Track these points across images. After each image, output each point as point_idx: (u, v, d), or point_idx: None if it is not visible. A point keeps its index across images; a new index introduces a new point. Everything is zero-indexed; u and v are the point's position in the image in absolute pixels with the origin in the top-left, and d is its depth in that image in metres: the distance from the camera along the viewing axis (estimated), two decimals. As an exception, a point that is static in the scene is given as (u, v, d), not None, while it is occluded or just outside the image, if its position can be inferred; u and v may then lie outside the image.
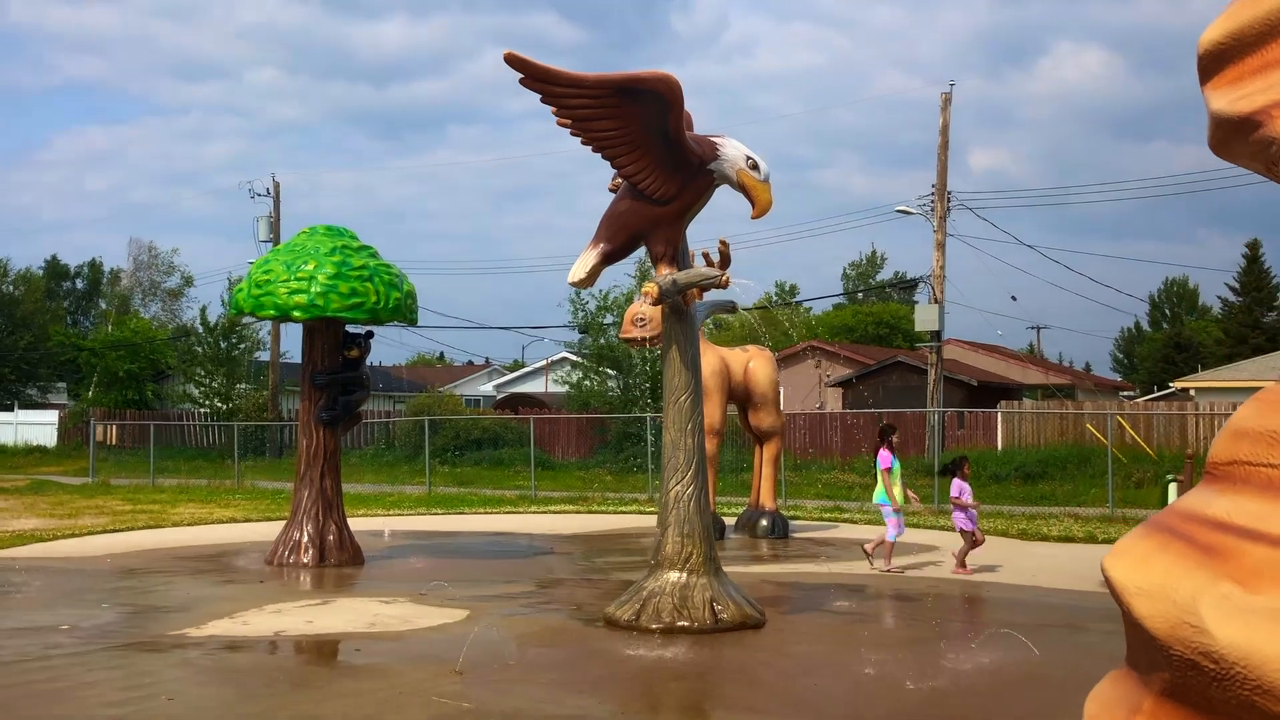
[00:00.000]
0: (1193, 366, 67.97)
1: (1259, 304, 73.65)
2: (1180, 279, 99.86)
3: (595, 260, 10.03)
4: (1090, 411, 36.23)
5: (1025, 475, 29.15)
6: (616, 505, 24.52)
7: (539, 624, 10.36)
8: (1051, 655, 9.04)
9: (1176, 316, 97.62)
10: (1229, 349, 70.87)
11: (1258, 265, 74.19)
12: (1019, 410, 35.30)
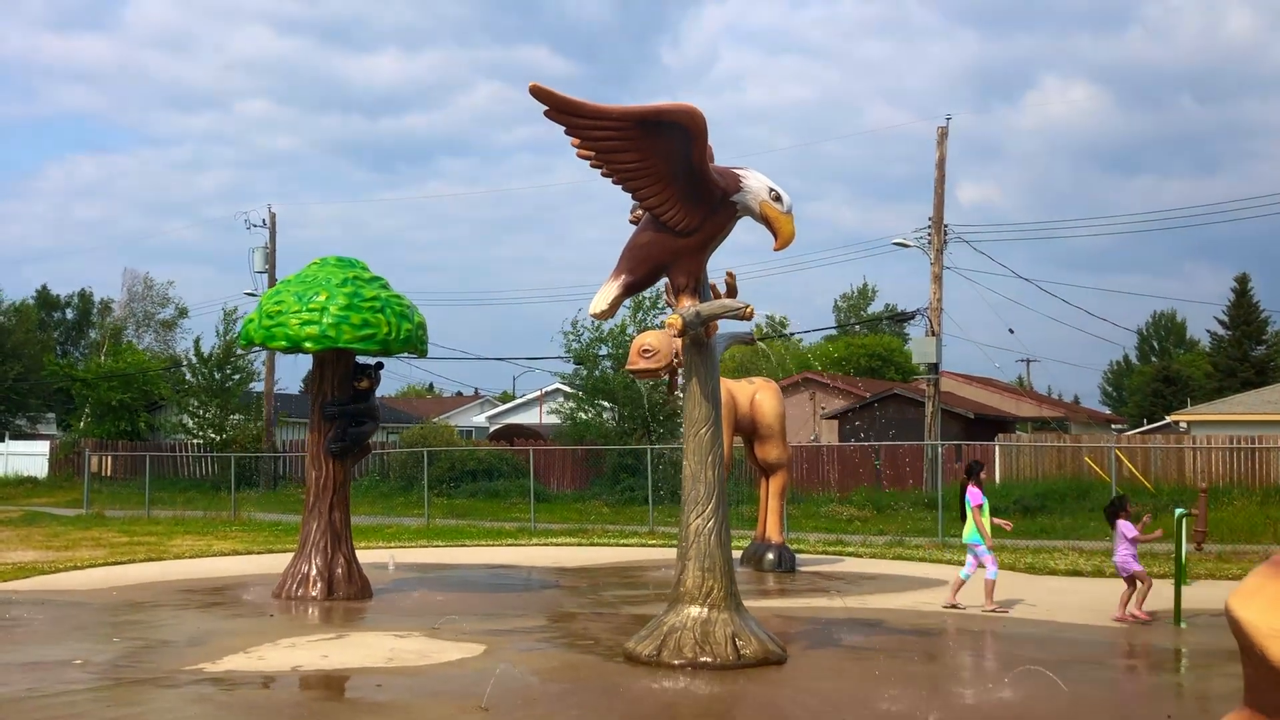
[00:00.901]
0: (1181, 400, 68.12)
1: (1248, 337, 73.90)
2: (1168, 312, 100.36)
3: (617, 291, 9.99)
4: (1088, 445, 36.26)
5: (1024, 508, 29.09)
6: (617, 538, 24.39)
7: (558, 659, 10.25)
8: (1079, 691, 8.97)
9: (1165, 350, 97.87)
10: (1218, 382, 71.05)
11: (1247, 299, 74.50)
12: (1016, 443, 35.29)
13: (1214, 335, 76.26)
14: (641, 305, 38.11)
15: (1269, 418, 35.43)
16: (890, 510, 30.76)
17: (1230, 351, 73.54)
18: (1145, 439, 37.55)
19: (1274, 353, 74.87)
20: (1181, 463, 31.91)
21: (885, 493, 33.35)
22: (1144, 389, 78.43)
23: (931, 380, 34.51)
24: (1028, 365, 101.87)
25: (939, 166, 34.79)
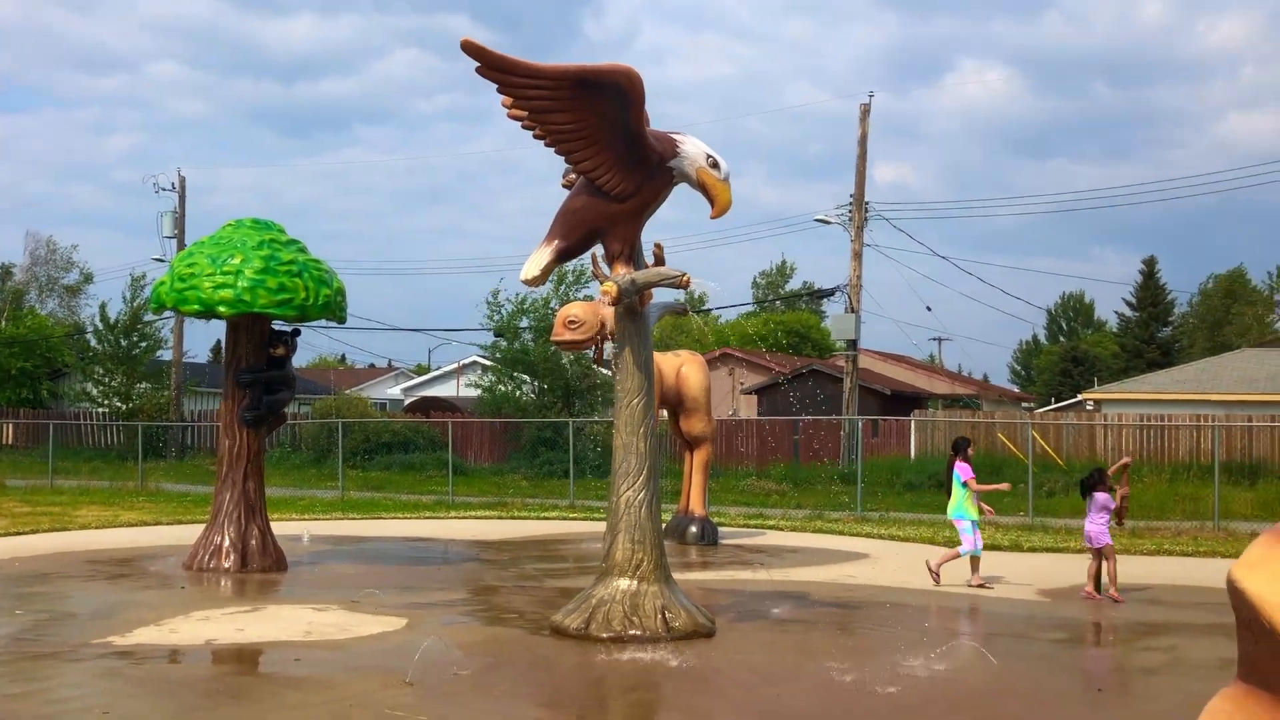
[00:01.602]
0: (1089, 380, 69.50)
1: (1155, 319, 75.63)
2: (1077, 294, 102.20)
3: (550, 257, 9.74)
4: (1003, 420, 36.77)
5: (939, 484, 29.35)
6: (537, 511, 24.16)
7: (483, 633, 10.03)
8: (1008, 665, 8.97)
9: (1073, 330, 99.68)
10: (1125, 363, 72.67)
11: (1154, 281, 76.18)
12: (932, 419, 35.67)
13: (1121, 316, 77.98)
14: (564, 279, 37.80)
15: (1177, 396, 36.21)
16: (808, 485, 30.90)
17: (1137, 332, 75.22)
18: (1058, 416, 38.14)
19: (1179, 334, 76.79)
20: (1093, 440, 32.50)
21: (804, 467, 33.50)
22: (1052, 368, 79.92)
23: (850, 356, 34.70)
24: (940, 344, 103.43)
25: (861, 143, 34.89)
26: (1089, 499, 12.95)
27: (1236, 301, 77.37)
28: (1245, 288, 79.06)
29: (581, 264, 37.13)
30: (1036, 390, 79.50)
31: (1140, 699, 8.05)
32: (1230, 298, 77.69)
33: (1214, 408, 34.01)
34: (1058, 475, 28.85)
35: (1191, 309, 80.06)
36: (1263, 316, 77.56)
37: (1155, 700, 7.95)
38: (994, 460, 31.53)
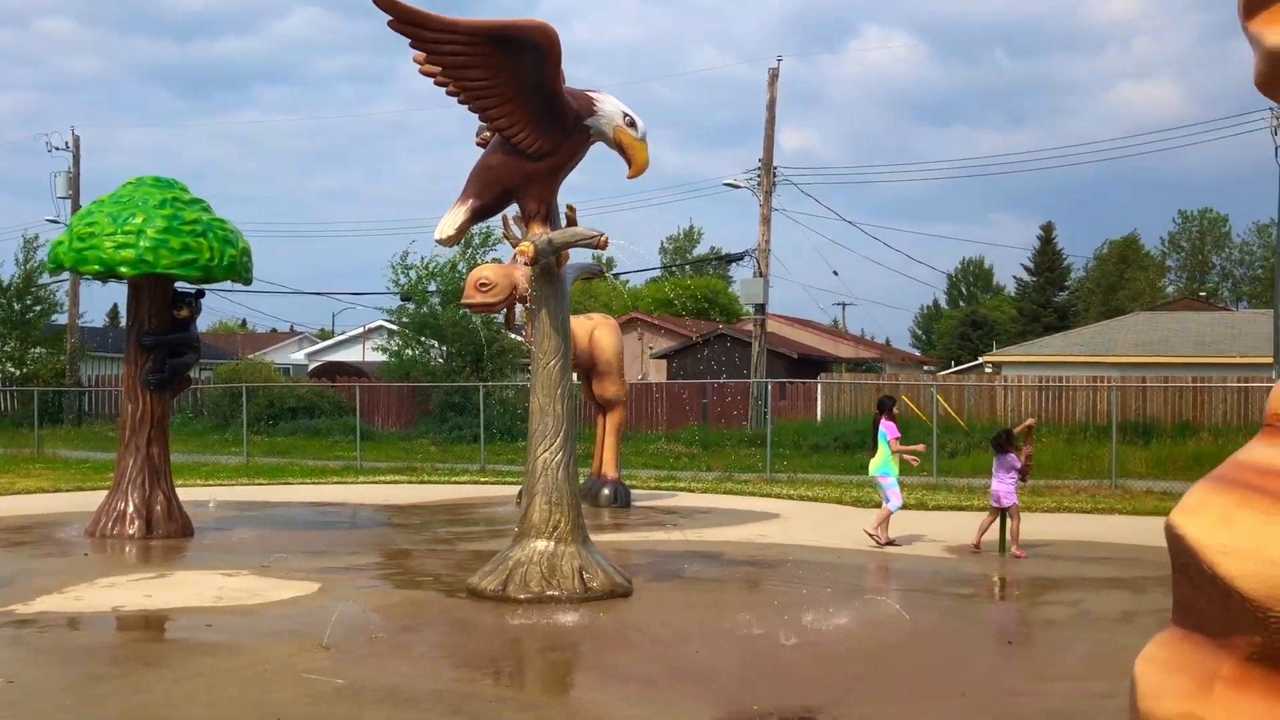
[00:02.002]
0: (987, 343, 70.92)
1: (1052, 284, 77.34)
2: (977, 259, 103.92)
3: (464, 216, 9.61)
4: (906, 383, 37.36)
5: (845, 445, 29.79)
6: (448, 475, 24.01)
7: (398, 596, 9.94)
8: (920, 619, 9.13)
9: (973, 295, 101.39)
10: (1023, 326, 74.25)
11: (1051, 246, 77.82)
12: (838, 381, 36.12)
13: (1020, 281, 79.55)
14: (471, 242, 37.43)
15: (1074, 359, 37.12)
16: (718, 447, 31.13)
17: (1035, 297, 76.86)
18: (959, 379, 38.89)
19: (1075, 298, 78.64)
20: (993, 402, 33.18)
21: (713, 430, 33.73)
22: (952, 332, 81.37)
23: (759, 321, 34.92)
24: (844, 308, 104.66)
25: (769, 108, 34.99)
26: (997, 459, 13.20)
27: (1130, 267, 79.44)
28: (1138, 253, 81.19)
29: (490, 225, 36.80)
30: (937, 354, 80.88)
31: (1048, 650, 8.25)
32: (1124, 263, 79.73)
33: (1109, 369, 34.93)
34: (959, 436, 29.41)
35: (1087, 274, 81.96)
36: (1154, 281, 79.86)
37: (1063, 651, 8.15)
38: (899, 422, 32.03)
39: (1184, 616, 2.65)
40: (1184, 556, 2.53)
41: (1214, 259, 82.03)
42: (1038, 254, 77.94)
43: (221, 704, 6.42)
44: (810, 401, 35.32)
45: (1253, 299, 75.15)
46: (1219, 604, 2.46)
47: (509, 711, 6.46)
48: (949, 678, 7.35)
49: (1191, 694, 2.48)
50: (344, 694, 6.67)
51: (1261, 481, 2.48)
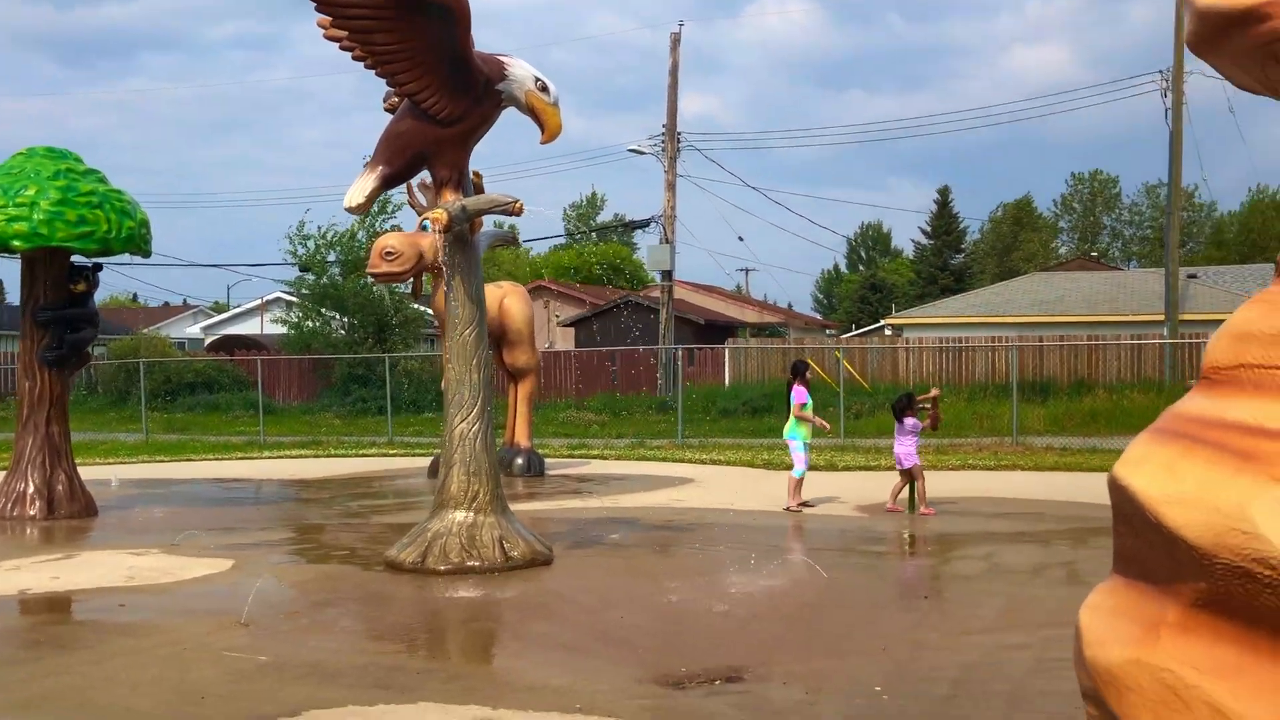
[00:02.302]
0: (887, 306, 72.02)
1: (948, 246, 78.71)
2: (875, 223, 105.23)
3: (374, 184, 9.46)
4: (811, 346, 37.80)
5: (753, 409, 30.08)
6: (355, 449, 23.73)
7: (315, 571, 9.81)
8: (836, 578, 9.29)
9: (872, 259, 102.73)
10: (921, 289, 75.52)
11: (948, 210, 79.13)
12: (745, 346, 36.40)
13: (917, 245, 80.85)
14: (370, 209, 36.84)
15: (973, 320, 37.84)
16: (627, 414, 31.24)
17: (932, 260, 78.17)
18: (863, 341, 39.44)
19: (971, 261, 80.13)
20: (896, 363, 33.72)
21: (622, 398, 33.81)
22: (853, 296, 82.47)
23: (665, 287, 35.00)
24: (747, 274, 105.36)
25: (672, 73, 34.97)
26: (899, 423, 13.41)
27: (1024, 229, 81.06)
28: (1032, 215, 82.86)
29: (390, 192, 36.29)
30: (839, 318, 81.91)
31: (963, 604, 8.41)
32: (1018, 225, 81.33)
33: (1008, 329, 35.68)
34: (864, 398, 29.87)
35: (982, 236, 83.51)
36: (1047, 242, 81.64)
37: (977, 605, 8.33)
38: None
39: (1126, 566, 2.71)
40: (1128, 508, 2.58)
41: (1105, 220, 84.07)
42: (935, 217, 79.21)
43: (143, 684, 6.28)
44: (718, 367, 35.56)
45: (1142, 258, 77.35)
46: (1164, 553, 2.52)
47: (435, 683, 6.42)
48: (869, 634, 7.48)
49: (1138, 640, 2.54)
50: (267, 671, 6.57)
51: (1202, 432, 2.54)
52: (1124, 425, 25.07)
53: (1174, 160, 30.81)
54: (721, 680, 6.40)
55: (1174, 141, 30.59)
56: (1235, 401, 2.58)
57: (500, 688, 6.29)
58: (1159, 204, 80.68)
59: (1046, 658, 6.82)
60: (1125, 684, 2.52)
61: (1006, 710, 5.85)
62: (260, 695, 6.11)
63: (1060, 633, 7.34)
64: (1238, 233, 72.10)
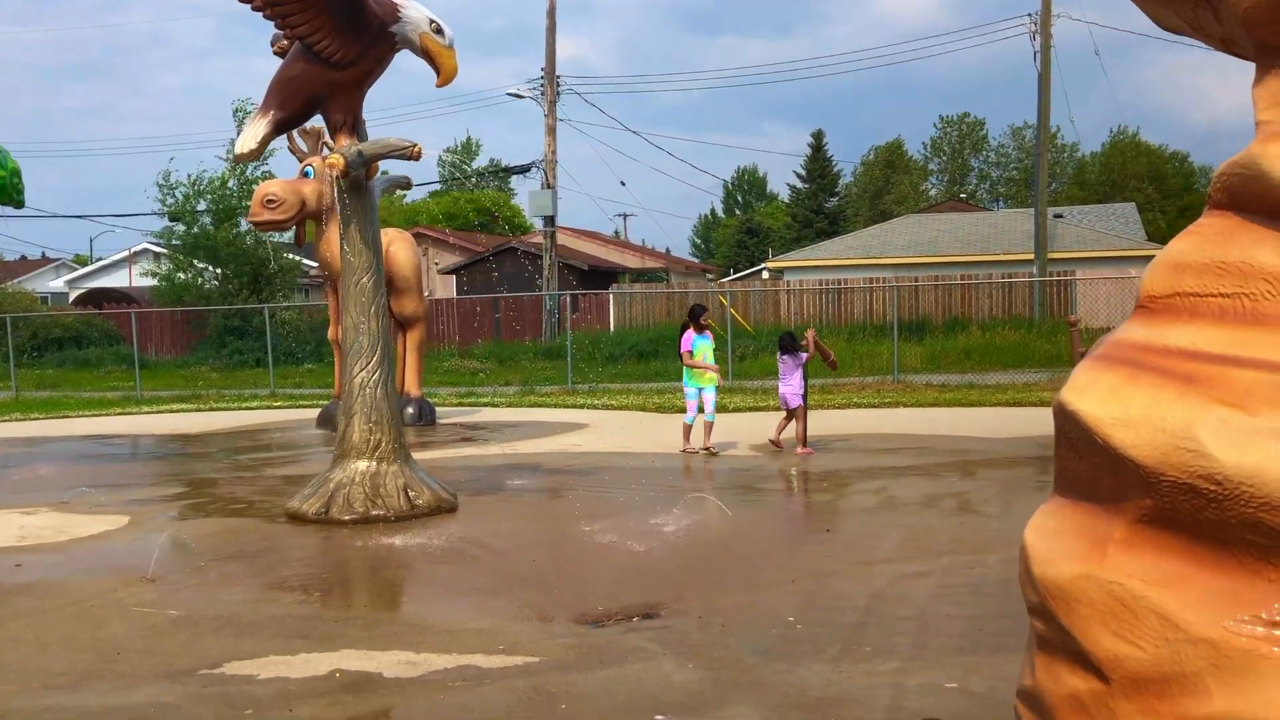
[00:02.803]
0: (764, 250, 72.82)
1: (823, 190, 79.75)
2: (750, 168, 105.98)
3: (266, 129, 9.23)
4: (695, 291, 38.06)
5: (639, 354, 30.29)
6: (237, 402, 23.27)
7: (216, 525, 9.65)
8: (740, 515, 9.50)
9: (748, 204, 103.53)
10: (796, 233, 76.48)
11: (822, 154, 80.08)
12: (630, 291, 36.51)
13: (793, 188, 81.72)
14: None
15: (852, 262, 38.53)
16: (512, 361, 31.17)
17: (807, 203, 79.15)
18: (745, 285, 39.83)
19: (845, 204, 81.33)
20: (778, 306, 34.21)
21: (506, 345, 33.69)
22: (729, 240, 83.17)
23: (548, 233, 34.85)
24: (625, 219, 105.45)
25: (549, 15, 34.61)
26: (782, 363, 13.64)
27: (895, 172, 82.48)
28: (903, 159, 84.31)
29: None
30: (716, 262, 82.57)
31: (864, 536, 8.66)
32: (889, 168, 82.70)
33: (884, 271, 36.44)
34: (748, 340, 30.26)
35: (854, 180, 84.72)
36: (917, 184, 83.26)
37: (877, 536, 8.58)
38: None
39: (1068, 488, 2.85)
40: (1075, 432, 2.71)
41: (973, 162, 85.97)
42: (809, 161, 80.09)
43: (53, 644, 6.14)
44: (603, 312, 35.63)
45: (1008, 199, 79.38)
46: (1109, 474, 2.66)
47: (354, 630, 6.41)
48: (776, 568, 7.67)
49: (1084, 556, 2.68)
50: (181, 625, 6.49)
51: (1145, 358, 2.67)
52: (997, 361, 25.93)
53: (1042, 103, 31.63)
54: (638, 617, 6.52)
55: (1042, 84, 31.38)
56: (1173, 328, 2.73)
57: (420, 632, 6.30)
58: (1024, 146, 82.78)
59: (948, 584, 7.09)
60: (1075, 598, 2.67)
61: (916, 634, 6.07)
62: (178, 649, 6.03)
63: (958, 560, 7.65)
64: (1099, 173, 74.44)
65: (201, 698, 5.27)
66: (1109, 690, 2.61)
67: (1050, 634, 2.78)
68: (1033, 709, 2.89)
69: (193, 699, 5.25)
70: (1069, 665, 2.72)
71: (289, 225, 16.88)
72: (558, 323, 34.72)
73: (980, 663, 5.56)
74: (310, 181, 16.83)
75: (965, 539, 8.35)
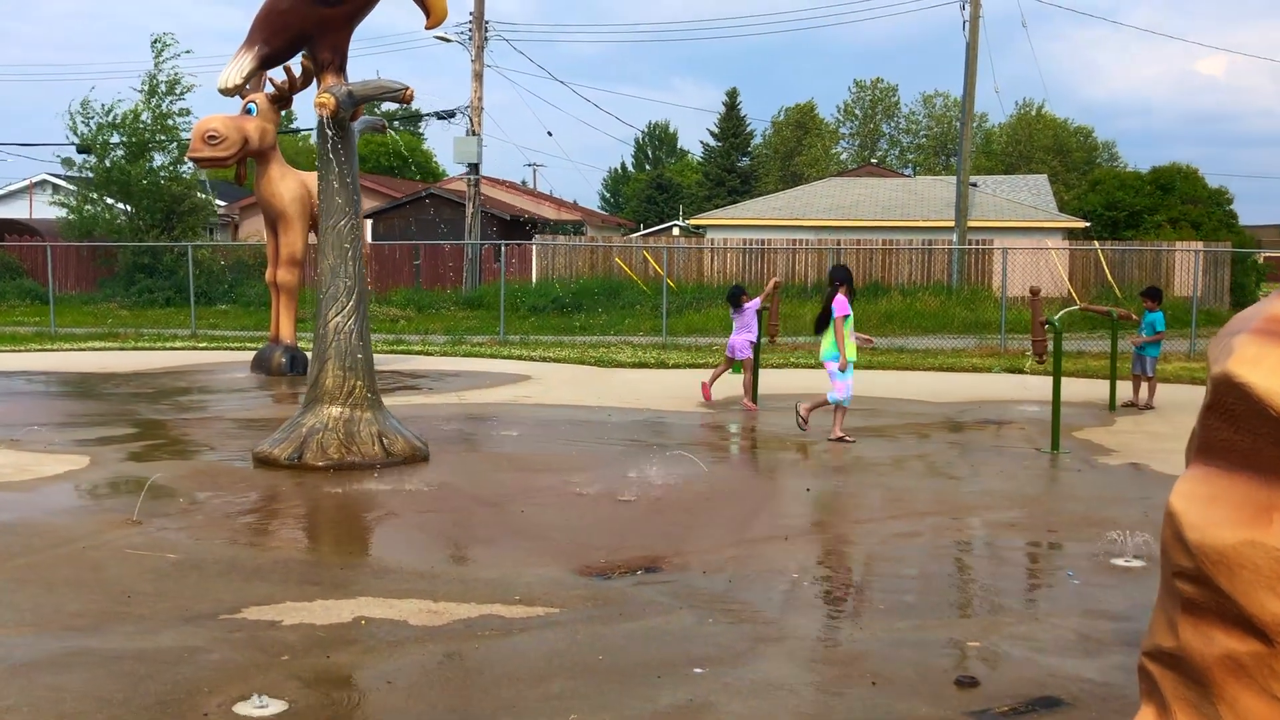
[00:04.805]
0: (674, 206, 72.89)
1: (736, 149, 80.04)
2: (662, 123, 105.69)
3: (251, 64, 8.99)
4: (619, 245, 38.02)
5: (562, 307, 30.19)
6: (159, 341, 22.70)
7: (186, 468, 9.45)
8: (719, 471, 9.61)
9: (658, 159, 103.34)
10: (709, 191, 76.71)
11: (735, 113, 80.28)
12: (554, 242, 36.32)
13: (706, 146, 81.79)
14: (157, 90, 34.81)
15: (772, 222, 38.78)
16: (433, 310, 30.88)
17: (720, 162, 79.37)
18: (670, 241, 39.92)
19: (757, 164, 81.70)
20: (701, 263, 34.32)
21: (426, 293, 33.33)
22: (640, 195, 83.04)
23: (472, 181, 34.45)
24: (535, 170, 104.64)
25: (480, -40, 34.03)
26: (735, 314, 13.71)
27: (807, 134, 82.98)
28: (815, 121, 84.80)
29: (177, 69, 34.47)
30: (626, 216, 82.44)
31: (845, 496, 8.81)
32: (801, 130, 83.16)
33: (806, 233, 36.75)
34: (672, 297, 30.35)
35: (765, 141, 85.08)
36: (829, 147, 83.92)
37: (858, 496, 8.75)
38: (611, 283, 32.76)
39: (1220, 457, 2.95)
40: (1241, 403, 2.80)
41: (885, 127, 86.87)
42: (723, 120, 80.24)
43: (60, 585, 5.99)
44: (526, 263, 35.40)
45: (917, 166, 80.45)
46: (1274, 444, 2.76)
47: (365, 577, 6.36)
48: (767, 524, 7.78)
49: (1247, 523, 2.79)
50: (184, 569, 6.37)
51: (1314, 335, 2.77)
52: (917, 326, 26.40)
53: (969, 73, 32.06)
54: (642, 570, 6.57)
55: (970, 54, 31.80)
56: (1337, 306, 2.83)
57: (431, 580, 6.28)
58: (935, 113, 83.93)
59: (940, 544, 7.26)
60: (1238, 563, 2.77)
61: (923, 593, 6.21)
62: (189, 593, 5.93)
63: (943, 521, 7.83)
64: (1006, 144, 75.77)
65: (230, 642, 5.20)
66: (1272, 652, 2.72)
67: (1204, 597, 2.88)
68: (1174, 669, 3.00)
69: (221, 643, 5.18)
70: (1225, 628, 2.84)
71: (230, 162, 16.51)
72: (479, 272, 34.44)
73: (996, 622, 5.71)
74: (253, 119, 16.44)
75: (945, 500, 8.54)
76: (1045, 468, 10.02)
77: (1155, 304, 14.24)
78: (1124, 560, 6.76)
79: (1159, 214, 37.05)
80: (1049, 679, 4.84)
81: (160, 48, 33.75)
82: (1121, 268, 31.56)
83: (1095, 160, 76.64)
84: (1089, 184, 42.56)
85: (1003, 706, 4.55)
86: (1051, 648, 5.27)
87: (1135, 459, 10.37)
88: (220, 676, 4.73)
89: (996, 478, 9.46)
